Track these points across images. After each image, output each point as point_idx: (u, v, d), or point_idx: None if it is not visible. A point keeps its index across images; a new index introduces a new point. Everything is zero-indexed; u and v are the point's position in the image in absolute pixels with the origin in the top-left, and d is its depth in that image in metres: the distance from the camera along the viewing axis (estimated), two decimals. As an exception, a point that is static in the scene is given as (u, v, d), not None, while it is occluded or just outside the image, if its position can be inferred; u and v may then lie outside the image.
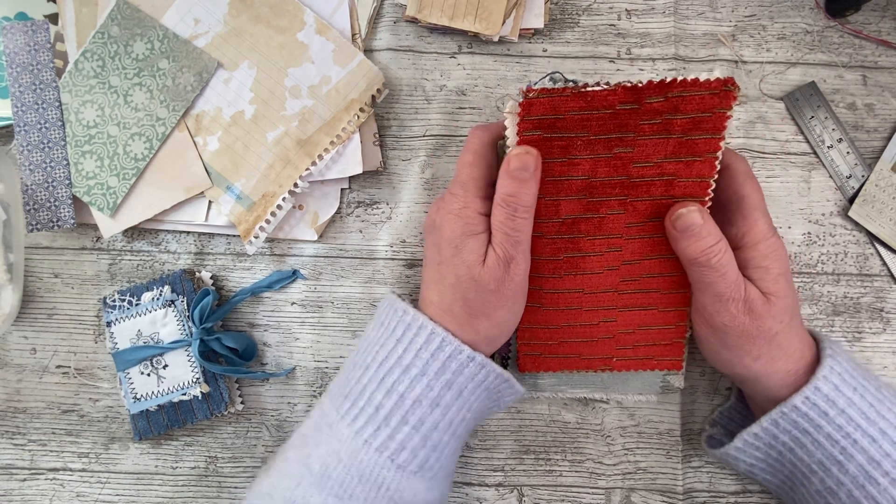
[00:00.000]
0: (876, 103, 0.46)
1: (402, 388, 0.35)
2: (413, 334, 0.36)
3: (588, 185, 0.36)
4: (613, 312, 0.39)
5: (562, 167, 0.35)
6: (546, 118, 0.34)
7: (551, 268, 0.38)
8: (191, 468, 0.46)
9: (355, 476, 0.34)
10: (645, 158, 0.35)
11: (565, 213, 0.36)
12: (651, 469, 0.45)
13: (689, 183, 0.35)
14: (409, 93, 0.46)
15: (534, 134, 0.34)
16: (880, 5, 0.46)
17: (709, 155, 0.34)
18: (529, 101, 0.33)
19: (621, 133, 0.34)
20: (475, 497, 0.45)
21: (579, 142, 0.34)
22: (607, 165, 0.35)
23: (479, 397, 0.37)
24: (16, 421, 0.46)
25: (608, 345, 0.40)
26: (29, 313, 0.47)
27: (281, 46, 0.45)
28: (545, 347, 0.41)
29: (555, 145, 0.35)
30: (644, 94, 0.33)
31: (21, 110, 0.44)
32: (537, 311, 0.39)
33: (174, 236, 0.46)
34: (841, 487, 0.35)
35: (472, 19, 0.44)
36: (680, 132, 0.34)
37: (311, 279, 0.46)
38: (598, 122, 0.34)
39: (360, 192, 0.46)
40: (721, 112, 0.33)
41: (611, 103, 0.33)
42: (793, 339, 0.36)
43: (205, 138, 0.45)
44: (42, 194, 0.44)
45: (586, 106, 0.33)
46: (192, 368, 0.43)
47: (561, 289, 0.39)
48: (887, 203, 0.44)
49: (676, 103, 0.33)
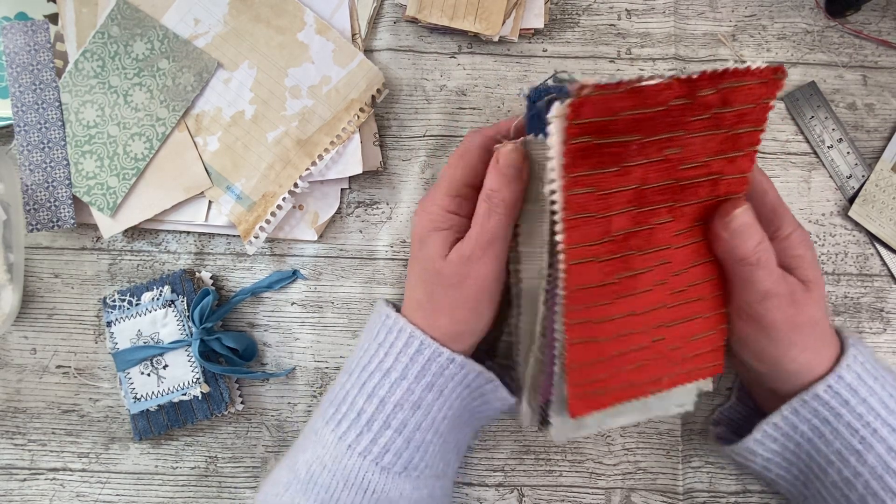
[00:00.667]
0: (876, 103, 0.46)
1: (383, 392, 0.36)
2: (394, 338, 0.36)
3: (638, 195, 0.31)
4: (663, 330, 0.35)
5: (614, 178, 0.30)
6: (597, 121, 0.28)
7: (603, 295, 0.33)
8: (191, 468, 0.46)
9: (340, 481, 0.35)
10: (693, 158, 0.31)
11: (616, 229, 0.32)
12: (651, 469, 0.45)
13: (731, 180, 0.33)
14: (409, 93, 0.46)
15: (583, 141, 0.28)
16: (880, 5, 0.46)
17: (750, 149, 0.32)
18: (581, 101, 0.27)
19: (671, 132, 0.30)
20: (475, 497, 0.45)
21: (633, 146, 0.30)
22: (658, 170, 0.31)
23: (460, 395, 0.37)
24: (16, 421, 0.46)
25: (659, 365, 0.36)
26: (29, 313, 0.47)
27: (281, 46, 0.45)
28: (597, 384, 0.35)
29: (606, 153, 0.29)
30: (697, 87, 0.29)
31: (21, 110, 0.44)
32: (590, 347, 0.34)
33: (174, 236, 0.46)
34: (858, 478, 0.35)
35: (472, 19, 0.44)
36: (727, 127, 0.31)
37: (311, 279, 0.46)
38: (651, 121, 0.29)
39: (360, 192, 0.46)
40: (765, 103, 0.31)
41: (664, 99, 0.29)
42: (829, 327, 0.37)
43: (205, 138, 0.45)
44: (42, 194, 0.44)
45: (640, 104, 0.28)
46: (192, 368, 0.43)
47: (612, 315, 0.34)
48: (887, 203, 0.44)
49: (726, 95, 0.30)
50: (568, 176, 0.29)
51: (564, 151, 0.28)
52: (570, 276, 0.32)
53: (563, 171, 0.29)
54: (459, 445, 0.40)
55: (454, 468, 0.40)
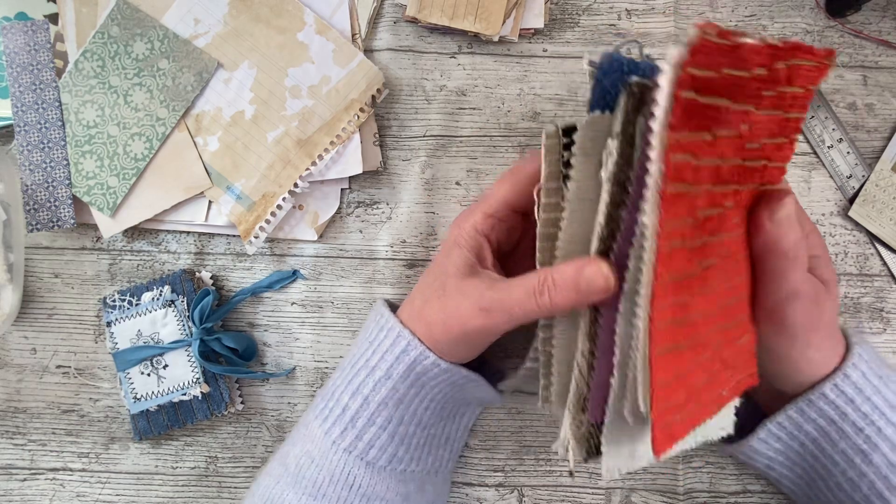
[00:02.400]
0: (876, 103, 0.46)
1: (367, 390, 0.36)
2: (383, 336, 0.37)
3: (717, 172, 0.27)
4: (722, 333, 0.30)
5: (706, 147, 0.26)
6: (704, 75, 0.24)
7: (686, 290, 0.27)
8: (191, 468, 0.46)
9: (326, 476, 0.35)
10: (755, 138, 0.28)
11: (700, 207, 0.27)
12: (651, 469, 0.45)
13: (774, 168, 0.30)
14: (409, 93, 0.46)
15: (689, 96, 0.24)
16: (880, 5, 0.46)
17: (794, 136, 0.29)
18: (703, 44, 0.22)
19: (747, 104, 0.26)
20: (475, 497, 0.45)
21: (723, 112, 0.26)
22: (732, 145, 0.27)
23: (442, 390, 0.37)
24: (16, 421, 0.46)
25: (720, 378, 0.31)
26: (29, 313, 0.47)
27: (281, 46, 0.45)
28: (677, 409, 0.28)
29: (707, 115, 0.25)
30: (776, 57, 0.25)
31: (21, 110, 0.44)
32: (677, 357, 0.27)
33: (174, 236, 0.46)
34: (863, 478, 0.35)
35: (472, 19, 0.44)
36: (783, 108, 0.28)
37: (311, 279, 0.46)
38: (740, 87, 0.25)
39: (360, 192, 0.46)
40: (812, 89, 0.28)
41: (752, 64, 0.25)
42: (835, 332, 0.37)
43: (205, 138, 0.45)
44: (42, 194, 0.44)
45: (737, 63, 0.24)
46: (192, 368, 0.43)
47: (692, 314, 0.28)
48: (887, 203, 0.44)
49: (792, 73, 0.27)
50: (673, 136, 0.24)
51: (674, 105, 0.23)
52: (663, 263, 0.25)
53: (667, 132, 0.24)
54: (450, 439, 0.40)
55: (447, 465, 0.40)
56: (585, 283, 0.28)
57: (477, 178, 0.46)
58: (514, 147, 0.46)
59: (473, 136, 0.46)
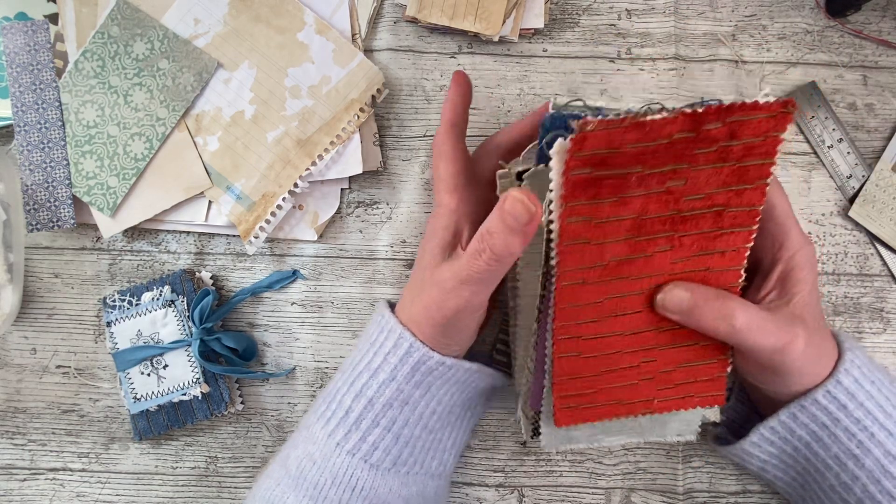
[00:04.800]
0: (876, 103, 0.46)
1: (371, 392, 0.36)
2: (384, 338, 0.36)
3: (636, 225, 0.32)
4: (654, 352, 0.36)
5: (611, 208, 0.31)
6: (598, 153, 0.29)
7: (592, 313, 0.34)
8: (191, 468, 0.46)
9: (328, 478, 0.35)
10: (696, 191, 0.32)
11: (610, 256, 0.33)
12: (651, 469, 0.45)
13: (738, 213, 0.33)
14: (409, 93, 0.46)
15: (583, 173, 0.30)
16: (880, 5, 0.46)
17: (759, 182, 0.32)
18: (584, 136, 0.28)
19: (675, 164, 0.31)
20: (475, 497, 0.45)
21: (633, 178, 0.30)
22: (658, 201, 0.32)
23: (449, 390, 0.37)
24: (16, 421, 0.46)
25: (649, 387, 0.37)
26: (29, 313, 0.47)
27: (281, 46, 0.45)
28: (583, 398, 0.37)
29: (605, 185, 0.30)
30: (703, 121, 0.29)
31: (21, 110, 0.44)
32: (575, 361, 0.36)
33: (174, 236, 0.46)
34: (856, 482, 0.35)
35: (472, 19, 0.44)
36: (734, 160, 0.31)
37: (311, 279, 0.46)
38: (654, 154, 0.30)
39: (360, 192, 0.46)
40: (774, 136, 0.31)
41: (668, 132, 0.29)
42: (829, 338, 0.36)
43: (205, 138, 0.45)
44: (42, 194, 0.44)
45: (643, 137, 0.29)
46: (192, 368, 0.43)
47: (601, 333, 0.35)
48: (888, 203, 0.44)
49: (734, 129, 0.30)
50: (566, 205, 0.30)
51: (563, 182, 0.30)
52: (561, 296, 0.33)
53: (561, 201, 0.30)
54: (455, 443, 0.40)
55: (450, 468, 0.40)
56: (511, 217, 0.30)
57: (477, 178, 0.46)
58: (514, 147, 0.46)
59: (473, 136, 0.46)
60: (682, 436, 0.40)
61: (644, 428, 0.39)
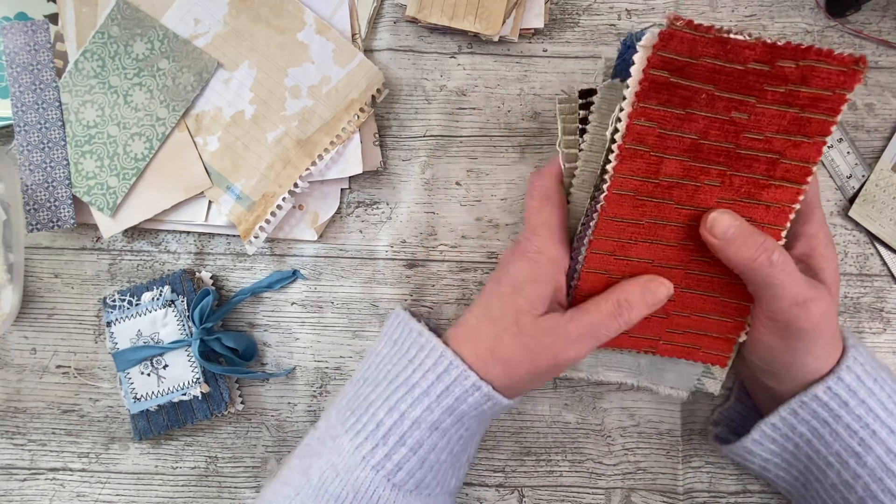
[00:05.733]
0: (876, 103, 0.46)
1: (405, 406, 0.35)
2: (424, 356, 0.36)
3: (695, 147, 0.32)
4: (676, 291, 0.36)
5: (676, 121, 0.31)
6: (679, 59, 0.30)
7: (629, 233, 0.34)
8: (191, 468, 0.46)
9: (351, 492, 0.34)
10: (758, 129, 0.32)
11: (665, 173, 0.33)
12: (651, 469, 0.45)
13: (791, 166, 0.32)
14: (409, 93, 0.46)
15: (661, 74, 0.30)
16: (880, 5, 0.46)
17: (818, 138, 0.32)
18: (671, 32, 0.29)
19: (744, 95, 0.31)
20: (475, 497, 0.45)
21: (703, 95, 0.31)
22: (720, 129, 0.32)
23: (478, 418, 0.37)
24: (16, 421, 0.46)
25: (659, 325, 0.37)
26: (29, 313, 0.47)
27: (281, 46, 0.45)
28: None
29: (677, 93, 0.31)
30: (779, 55, 0.29)
31: (21, 110, 0.44)
32: (600, 279, 0.36)
33: (174, 236, 0.46)
34: (858, 480, 0.35)
35: (472, 19, 0.44)
36: (799, 107, 0.31)
37: (311, 279, 0.46)
38: (728, 77, 0.30)
39: (360, 192, 0.46)
40: (842, 93, 0.30)
41: (745, 58, 0.30)
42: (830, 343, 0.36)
43: (205, 138, 0.45)
44: (42, 194, 0.44)
45: (722, 55, 0.30)
46: (192, 368, 0.43)
47: (632, 256, 0.35)
48: (887, 203, 0.44)
49: (805, 73, 0.30)
50: (638, 105, 0.31)
51: (641, 79, 0.30)
52: (608, 204, 0.34)
53: (634, 98, 0.31)
54: (470, 456, 0.40)
55: (462, 479, 0.40)
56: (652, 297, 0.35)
57: (477, 178, 0.46)
58: (514, 147, 0.46)
59: (473, 136, 0.46)
60: (675, 389, 0.40)
61: (642, 370, 0.40)
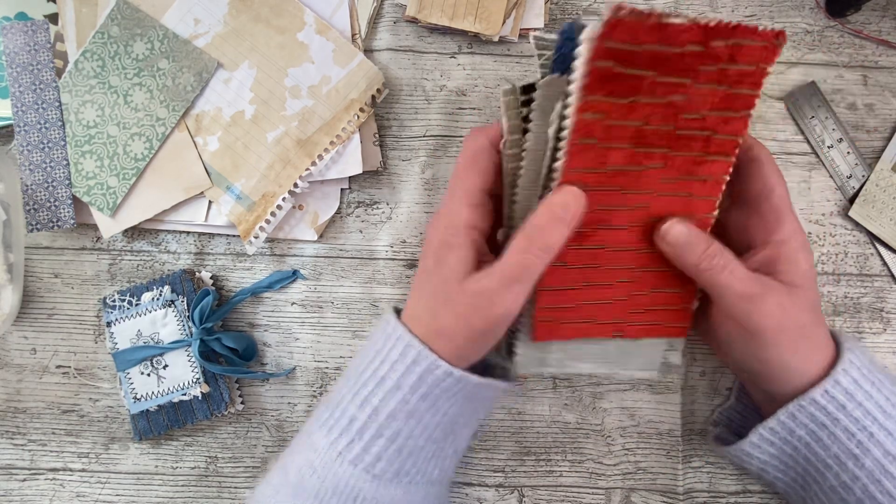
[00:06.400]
0: (876, 103, 0.46)
1: (376, 401, 0.35)
2: (391, 346, 0.35)
3: (639, 134, 0.32)
4: (632, 272, 0.37)
5: (624, 110, 0.31)
6: (624, 48, 0.29)
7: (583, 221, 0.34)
8: (191, 468, 0.46)
9: (329, 488, 0.34)
10: (694, 109, 0.32)
11: (611, 162, 0.33)
12: (651, 469, 0.45)
13: (723, 140, 0.34)
14: (409, 93, 0.46)
15: (606, 65, 0.30)
16: (880, 5, 0.46)
17: (744, 112, 0.33)
18: (616, 22, 0.28)
19: (681, 77, 0.31)
20: (475, 497, 0.45)
21: (646, 83, 0.31)
22: (661, 113, 0.32)
23: (454, 402, 0.36)
24: (16, 421, 0.46)
25: (622, 308, 0.38)
26: (29, 313, 0.47)
27: (281, 46, 0.45)
28: (562, 312, 0.37)
29: (623, 83, 0.30)
30: (712, 35, 0.30)
31: (21, 110, 0.44)
32: (560, 270, 0.35)
33: (174, 236, 0.46)
34: (856, 482, 0.35)
35: (472, 19, 0.44)
36: (728, 84, 0.32)
37: (311, 279, 0.46)
38: (666, 61, 0.30)
39: (360, 192, 0.46)
40: (763, 67, 0.32)
41: (682, 41, 0.30)
42: (821, 331, 0.36)
43: (205, 138, 0.45)
44: (42, 194, 0.44)
45: (662, 40, 0.30)
46: (192, 368, 0.43)
47: (585, 245, 0.35)
48: (888, 203, 0.44)
49: (734, 51, 0.31)
50: (585, 98, 0.30)
51: (587, 71, 0.30)
52: None
53: (581, 93, 0.30)
54: (458, 449, 0.40)
55: (451, 472, 0.40)
56: (560, 208, 0.32)
57: (477, 178, 0.46)
58: (514, 147, 0.46)
59: (473, 136, 0.46)
60: (644, 371, 0.40)
61: (611, 357, 0.40)
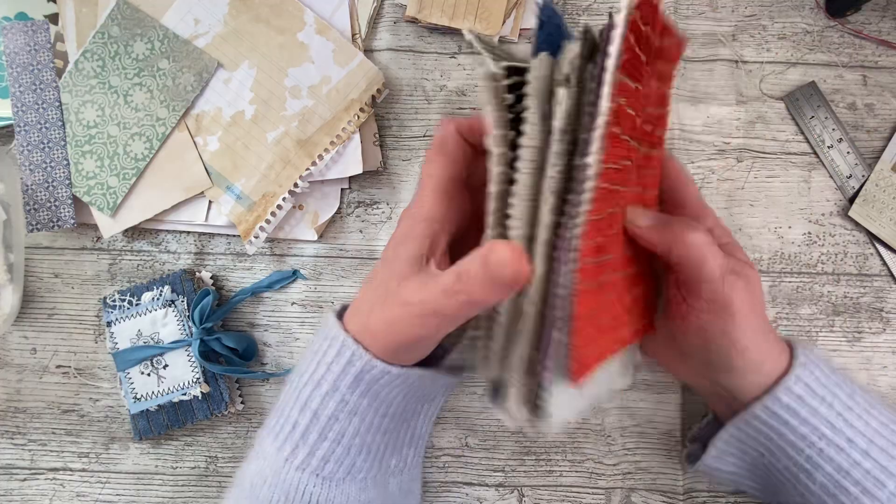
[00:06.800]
0: (876, 103, 0.46)
1: (315, 404, 0.33)
2: (328, 346, 0.34)
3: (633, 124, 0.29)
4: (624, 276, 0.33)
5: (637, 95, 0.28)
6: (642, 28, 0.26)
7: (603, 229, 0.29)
8: (191, 468, 0.46)
9: (281, 495, 0.33)
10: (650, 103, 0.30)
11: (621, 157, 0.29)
12: (651, 469, 0.45)
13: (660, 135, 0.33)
14: (409, 93, 0.46)
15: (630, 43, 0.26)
16: (880, 5, 0.46)
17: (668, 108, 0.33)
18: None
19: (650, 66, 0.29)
20: (475, 497, 0.45)
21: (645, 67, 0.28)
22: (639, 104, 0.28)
23: (398, 395, 0.35)
24: (16, 421, 0.46)
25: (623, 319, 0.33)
26: (29, 313, 0.47)
27: (281, 46, 0.45)
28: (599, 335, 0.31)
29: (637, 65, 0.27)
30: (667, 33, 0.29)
31: (21, 110, 0.44)
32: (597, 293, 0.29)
33: (174, 236, 0.46)
34: (812, 495, 0.34)
35: (472, 19, 0.44)
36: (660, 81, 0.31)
37: (311, 279, 0.46)
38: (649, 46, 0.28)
39: (360, 192, 0.46)
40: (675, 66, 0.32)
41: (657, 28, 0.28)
42: (774, 335, 0.35)
43: (205, 138, 0.45)
44: (42, 194, 0.44)
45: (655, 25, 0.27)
46: (193, 368, 0.43)
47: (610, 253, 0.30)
48: (887, 203, 0.44)
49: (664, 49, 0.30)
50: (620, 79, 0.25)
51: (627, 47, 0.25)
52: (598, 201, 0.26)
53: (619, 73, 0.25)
54: (415, 436, 0.38)
55: (413, 460, 0.39)
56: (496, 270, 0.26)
57: (477, 178, 0.46)
58: (514, 147, 0.46)
59: (473, 136, 0.46)
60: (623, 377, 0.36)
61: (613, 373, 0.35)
